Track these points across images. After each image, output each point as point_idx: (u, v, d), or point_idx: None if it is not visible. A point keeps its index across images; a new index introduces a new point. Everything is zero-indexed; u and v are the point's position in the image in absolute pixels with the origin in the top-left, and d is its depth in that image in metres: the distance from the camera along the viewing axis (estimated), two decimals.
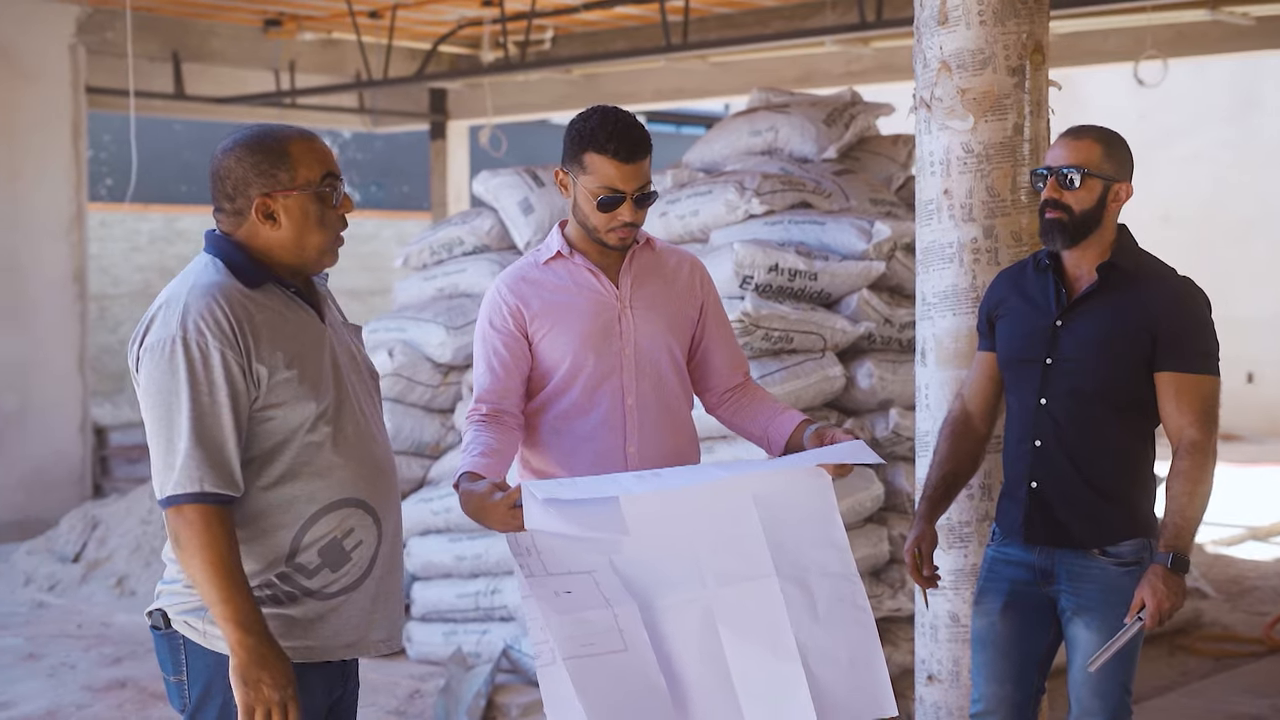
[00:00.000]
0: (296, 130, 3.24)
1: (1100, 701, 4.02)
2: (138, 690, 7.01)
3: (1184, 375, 3.95)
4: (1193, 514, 3.89)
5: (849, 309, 6.38)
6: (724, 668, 3.64)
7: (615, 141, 3.82)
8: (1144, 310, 3.98)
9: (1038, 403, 4.07)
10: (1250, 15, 10.49)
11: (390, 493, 3.34)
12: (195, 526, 3.00)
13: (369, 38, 12.91)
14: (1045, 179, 4.03)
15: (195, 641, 3.14)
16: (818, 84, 12.53)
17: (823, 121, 7.26)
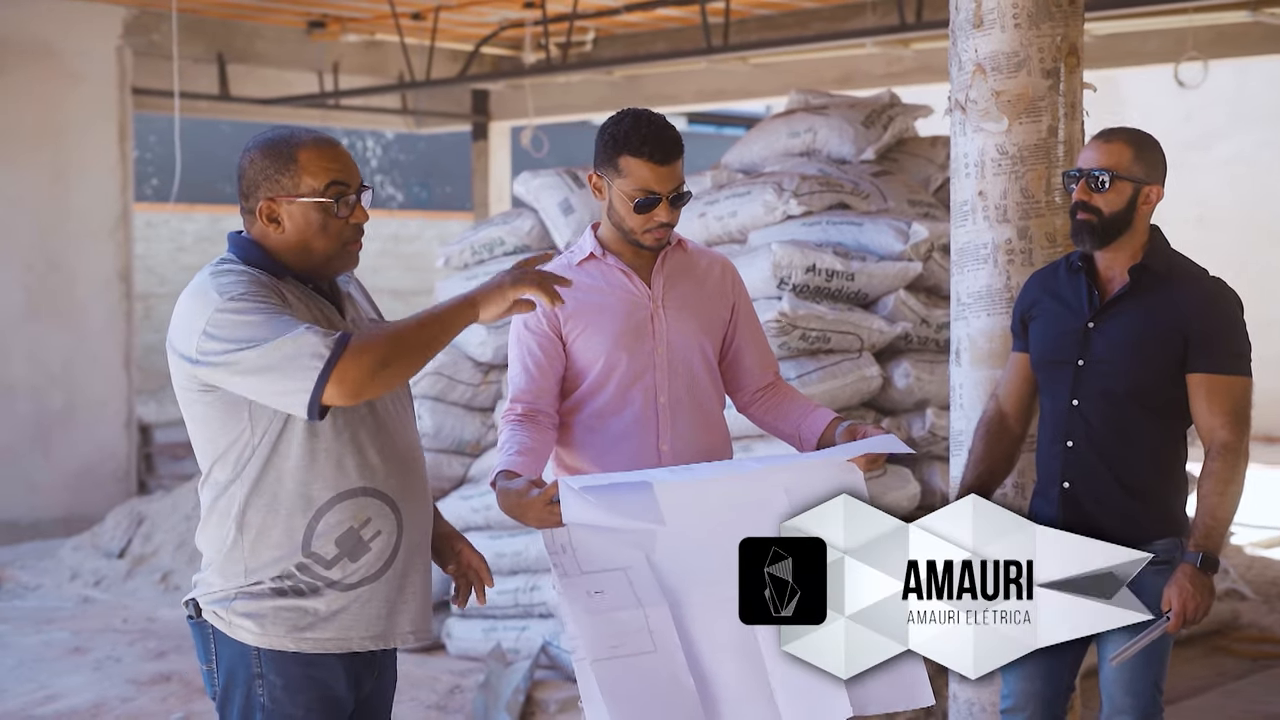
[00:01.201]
0: (312, 136, 3.25)
1: (1132, 699, 4.05)
2: (182, 684, 7.11)
3: (1215, 376, 3.97)
4: (1223, 515, 3.92)
5: (886, 309, 6.42)
6: (759, 662, 3.67)
7: (650, 144, 3.87)
8: (1176, 311, 4.00)
9: (1070, 404, 4.10)
10: None
11: (413, 486, 3.36)
12: (365, 349, 3.02)
13: (411, 39, 13.01)
14: (1076, 181, 4.07)
15: (222, 631, 3.21)
16: (858, 85, 12.57)
17: (861, 123, 7.30)
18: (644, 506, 3.61)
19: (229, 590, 3.20)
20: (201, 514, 3.26)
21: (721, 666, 3.64)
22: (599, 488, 3.58)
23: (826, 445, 3.94)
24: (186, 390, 3.17)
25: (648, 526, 3.61)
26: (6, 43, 11.22)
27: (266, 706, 3.19)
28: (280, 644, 3.18)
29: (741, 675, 3.66)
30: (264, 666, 3.19)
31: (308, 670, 3.21)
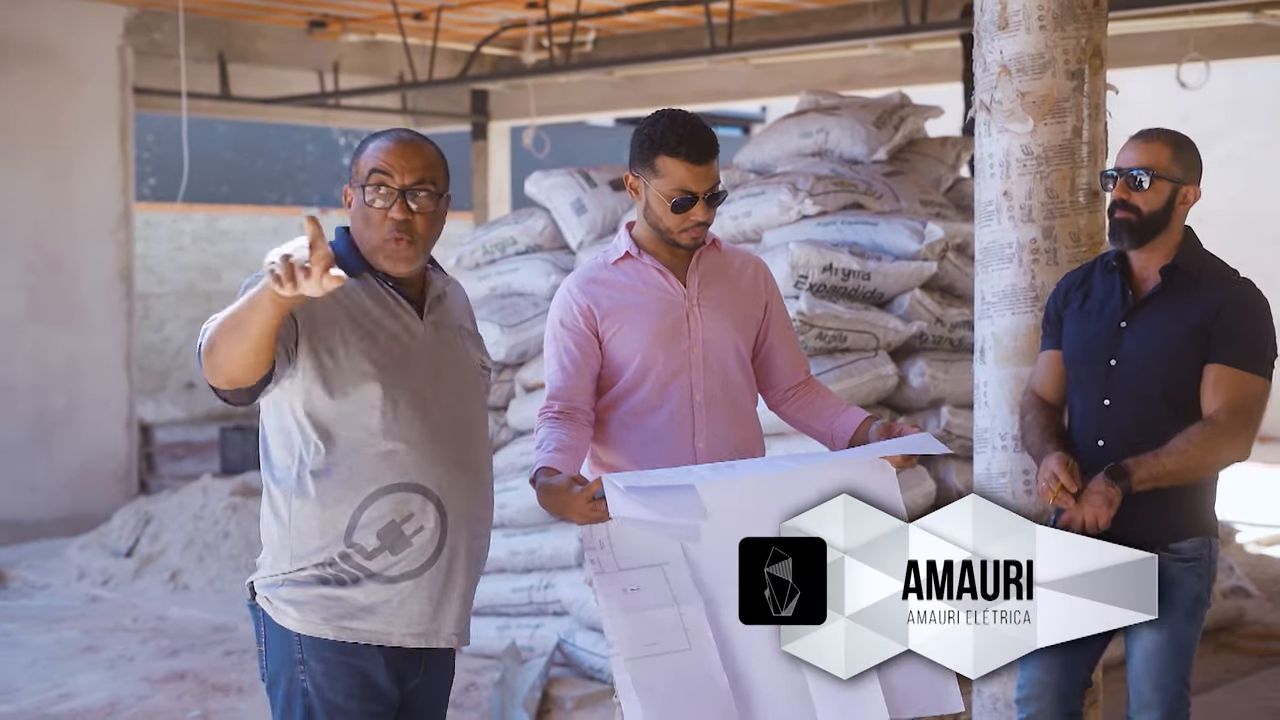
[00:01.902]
0: (392, 131, 3.37)
1: (1160, 694, 4.09)
2: (197, 681, 7.13)
3: (1227, 368, 4.00)
4: (1169, 466, 3.94)
5: (901, 309, 6.47)
6: (799, 668, 3.71)
7: (687, 145, 3.91)
8: (1204, 309, 4.03)
9: (1101, 403, 4.13)
10: None
11: (466, 487, 3.40)
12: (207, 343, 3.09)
13: (412, 39, 13.03)
14: (1115, 180, 4.10)
15: (270, 615, 3.29)
16: (859, 86, 12.61)
17: (872, 124, 7.35)
18: (688, 504, 3.64)
19: (277, 576, 3.28)
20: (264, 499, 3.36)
21: (756, 665, 3.67)
22: (643, 489, 3.61)
23: (859, 444, 3.98)
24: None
25: (692, 522, 3.65)
26: (8, 42, 11.23)
27: (308, 691, 3.27)
28: (319, 631, 3.25)
29: (777, 674, 3.68)
30: (305, 652, 3.26)
31: (347, 658, 3.28)
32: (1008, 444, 4.75)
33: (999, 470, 4.79)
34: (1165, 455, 3.94)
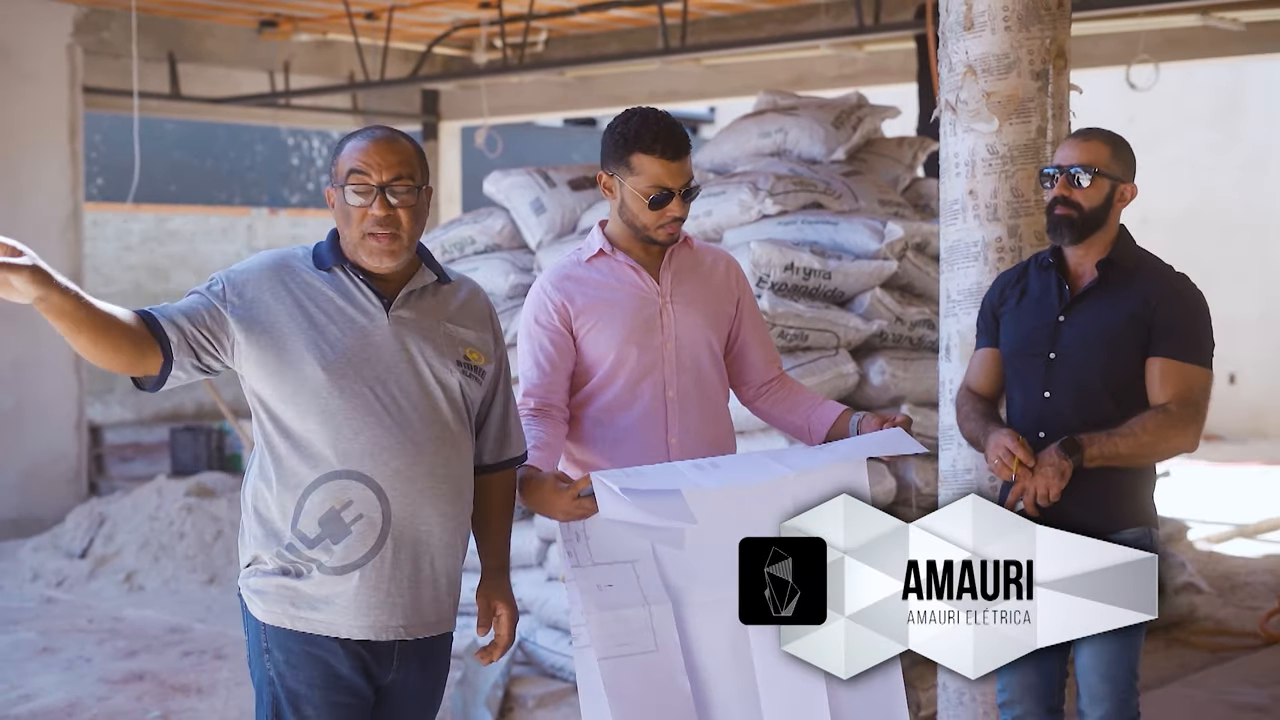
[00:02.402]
0: (372, 131, 3.42)
1: (1110, 686, 4.12)
2: (156, 682, 7.10)
3: (1171, 361, 4.07)
4: (1122, 449, 4.00)
5: (861, 307, 6.51)
6: (750, 675, 3.74)
7: (661, 141, 3.94)
8: (1142, 303, 4.11)
9: (1042, 395, 4.18)
10: (1239, 21, 10.67)
11: (415, 479, 3.39)
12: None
13: (364, 39, 13.00)
14: (1054, 177, 4.16)
15: (245, 605, 3.39)
16: (811, 86, 12.67)
17: (831, 124, 7.39)
18: (675, 508, 3.66)
19: (249, 566, 3.40)
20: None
21: (714, 666, 3.72)
22: (635, 489, 3.62)
23: (838, 436, 4.01)
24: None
25: (678, 526, 3.67)
26: None
27: (274, 680, 3.35)
28: (279, 620, 3.32)
29: (732, 682, 3.73)
30: (269, 641, 3.34)
31: (306, 648, 3.33)
32: None
33: (964, 467, 4.84)
34: (1119, 436, 4.00)
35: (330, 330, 3.35)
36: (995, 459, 4.06)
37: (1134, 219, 15.54)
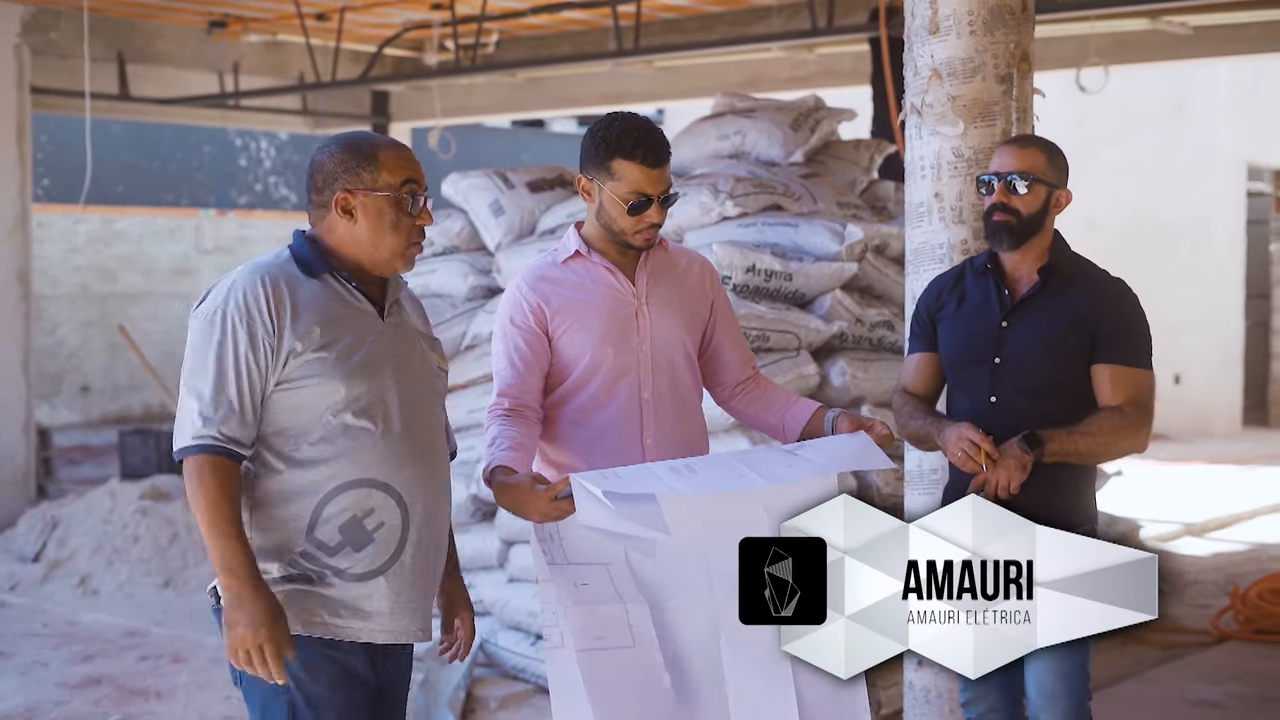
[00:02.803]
0: (391, 140, 3.44)
1: (1064, 683, 4.14)
2: (114, 686, 7.07)
3: (1118, 367, 4.14)
4: (1080, 446, 4.05)
5: (822, 309, 6.55)
6: (721, 682, 3.77)
7: (642, 148, 3.97)
8: (1084, 309, 4.17)
9: (989, 400, 4.22)
10: (1188, 25, 10.79)
11: (426, 484, 3.44)
12: (200, 476, 3.19)
13: (314, 40, 12.95)
14: (991, 184, 4.21)
15: None
16: (763, 88, 12.70)
17: (789, 126, 7.43)
18: (652, 516, 3.68)
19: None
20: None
21: (689, 672, 3.75)
22: (616, 493, 3.64)
23: (813, 434, 4.05)
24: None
25: (651, 535, 3.70)
26: None
27: (289, 688, 3.28)
28: (292, 628, 3.26)
29: (705, 685, 3.76)
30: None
31: (326, 651, 3.31)
32: None
33: (930, 467, 4.88)
34: (1078, 434, 4.06)
35: (343, 338, 3.35)
36: (959, 451, 4.08)
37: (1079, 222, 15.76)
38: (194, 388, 3.23)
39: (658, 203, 3.99)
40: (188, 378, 3.27)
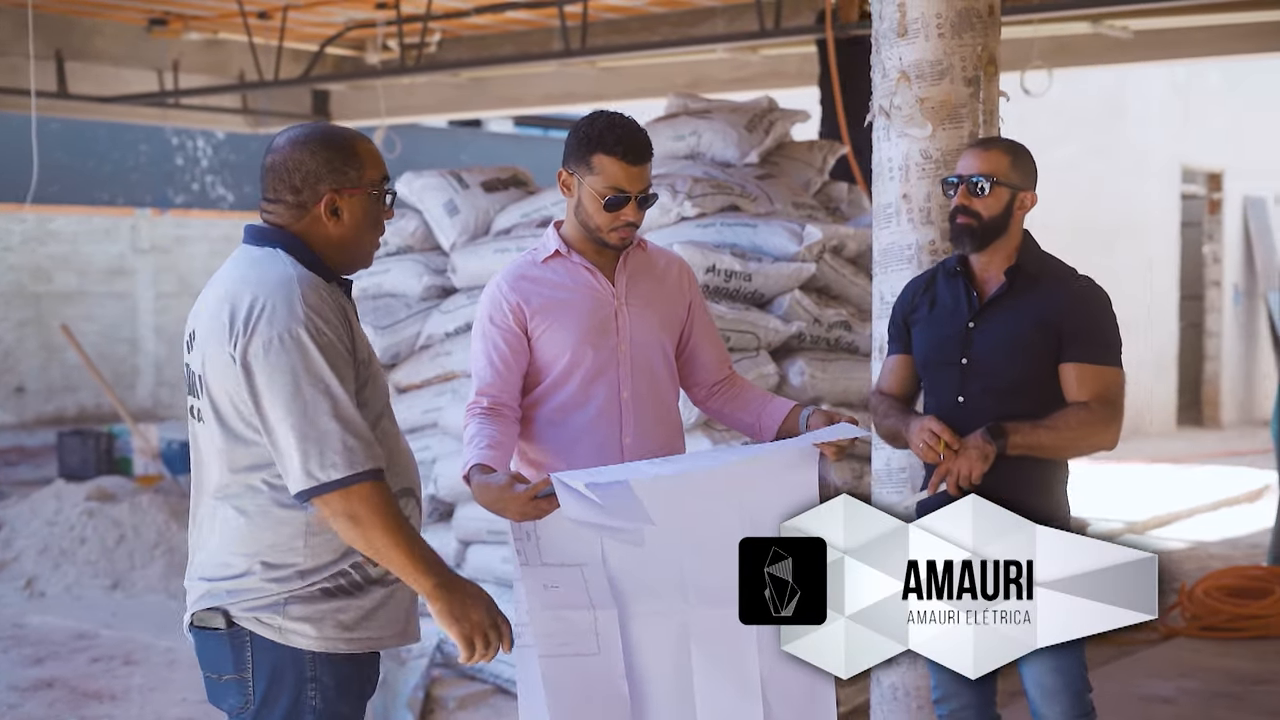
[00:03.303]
0: (357, 133, 3.36)
1: (1062, 678, 4.19)
2: (67, 690, 7.01)
3: (1085, 365, 4.17)
4: (1045, 440, 4.08)
5: (781, 309, 6.58)
6: (689, 690, 3.79)
7: (623, 144, 3.99)
8: (1050, 308, 4.20)
9: (956, 401, 4.25)
10: (1129, 29, 10.90)
11: (418, 485, 3.47)
12: (374, 501, 3.10)
13: (255, 38, 12.86)
14: (956, 187, 4.24)
15: (267, 638, 3.19)
16: (706, 89, 12.70)
17: (744, 127, 7.45)
18: (634, 510, 3.69)
19: (279, 595, 3.19)
20: (227, 523, 3.22)
21: (655, 681, 3.77)
22: (598, 484, 3.65)
23: (788, 433, 4.08)
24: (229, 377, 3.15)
25: (636, 527, 3.71)
26: None
27: (318, 708, 3.21)
28: (334, 645, 3.20)
29: (671, 685, 3.78)
30: (319, 669, 3.20)
31: (357, 668, 3.27)
32: None
33: (898, 466, 4.92)
34: (1042, 428, 4.08)
35: (365, 345, 3.32)
36: (920, 442, 4.13)
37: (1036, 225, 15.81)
38: (316, 413, 3.08)
39: (635, 201, 4.01)
40: (300, 406, 3.08)
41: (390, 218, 3.38)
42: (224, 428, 3.18)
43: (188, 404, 3.33)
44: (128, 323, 17.16)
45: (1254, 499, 12.76)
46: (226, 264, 3.33)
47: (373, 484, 3.11)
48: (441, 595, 3.17)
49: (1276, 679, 7.06)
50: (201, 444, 3.26)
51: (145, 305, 17.25)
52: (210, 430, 3.21)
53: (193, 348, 3.26)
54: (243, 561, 3.20)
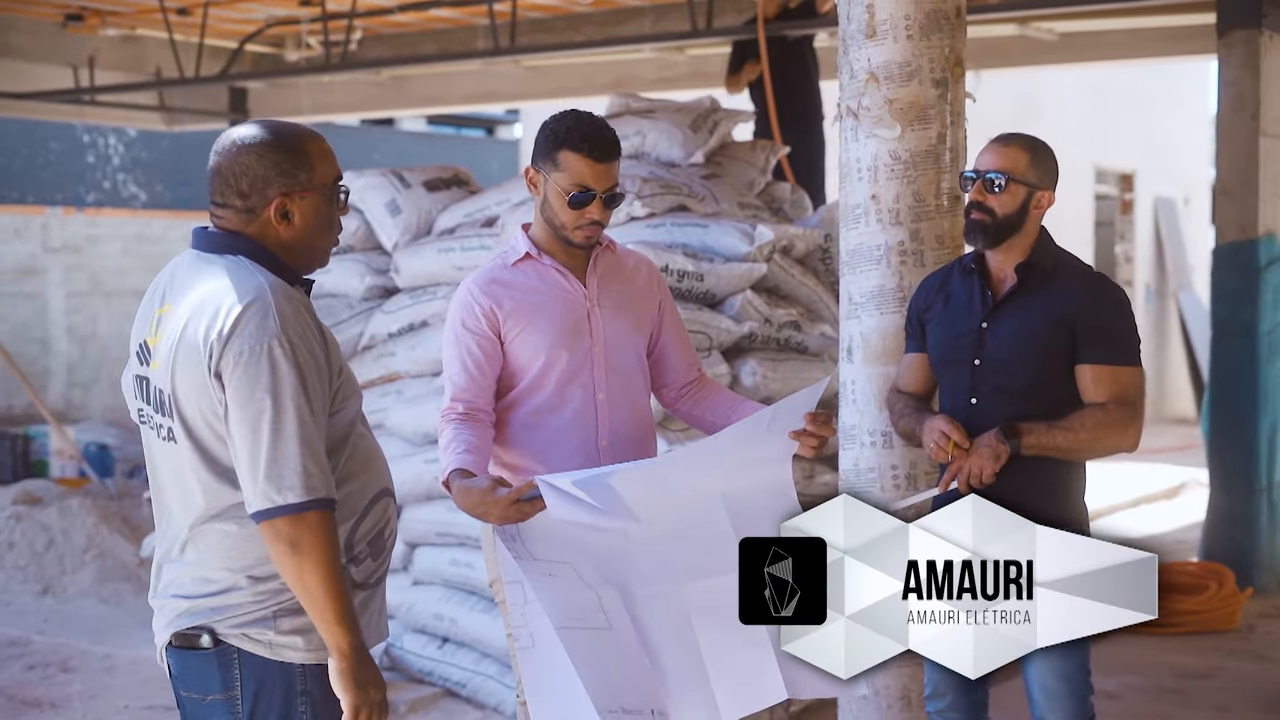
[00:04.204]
0: (308, 130, 3.25)
1: (1066, 684, 4.15)
2: (4, 698, 6.87)
3: (1101, 366, 4.08)
4: (1060, 442, 4.01)
5: (732, 309, 6.57)
6: (697, 652, 3.79)
7: (589, 141, 3.97)
8: (1064, 306, 4.12)
9: (969, 402, 4.19)
10: (1054, 31, 11.02)
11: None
12: (319, 531, 2.98)
13: (171, 35, 12.69)
14: (973, 182, 4.18)
15: (256, 654, 3.10)
16: (631, 89, 12.69)
17: (688, 127, 7.44)
18: (619, 507, 3.68)
19: (267, 609, 3.10)
20: (209, 538, 3.12)
21: (663, 652, 3.76)
22: (580, 483, 3.64)
23: None
24: (204, 396, 3.05)
25: (623, 525, 3.70)
26: None
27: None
28: (324, 656, 3.09)
29: (681, 660, 3.78)
30: (309, 682, 3.11)
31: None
32: (876, 440, 4.89)
33: (867, 466, 4.93)
34: (1058, 429, 4.01)
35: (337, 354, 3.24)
36: (931, 442, 4.07)
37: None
38: (280, 433, 2.96)
39: (600, 200, 3.98)
40: (262, 424, 2.96)
41: (345, 213, 3.29)
42: (205, 455, 3.07)
43: (143, 418, 3.20)
44: (38, 323, 16.87)
45: (1172, 496, 12.93)
46: (186, 272, 3.16)
47: (322, 514, 3.00)
48: (354, 658, 3.02)
49: (1218, 673, 7.15)
50: (174, 464, 3.12)
51: (56, 305, 16.97)
52: (186, 453, 3.08)
53: (148, 360, 3.14)
54: (227, 576, 3.10)
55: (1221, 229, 8.95)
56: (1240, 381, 8.87)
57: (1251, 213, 8.76)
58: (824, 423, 3.82)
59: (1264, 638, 7.87)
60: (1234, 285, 8.88)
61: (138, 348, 3.20)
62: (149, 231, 17.98)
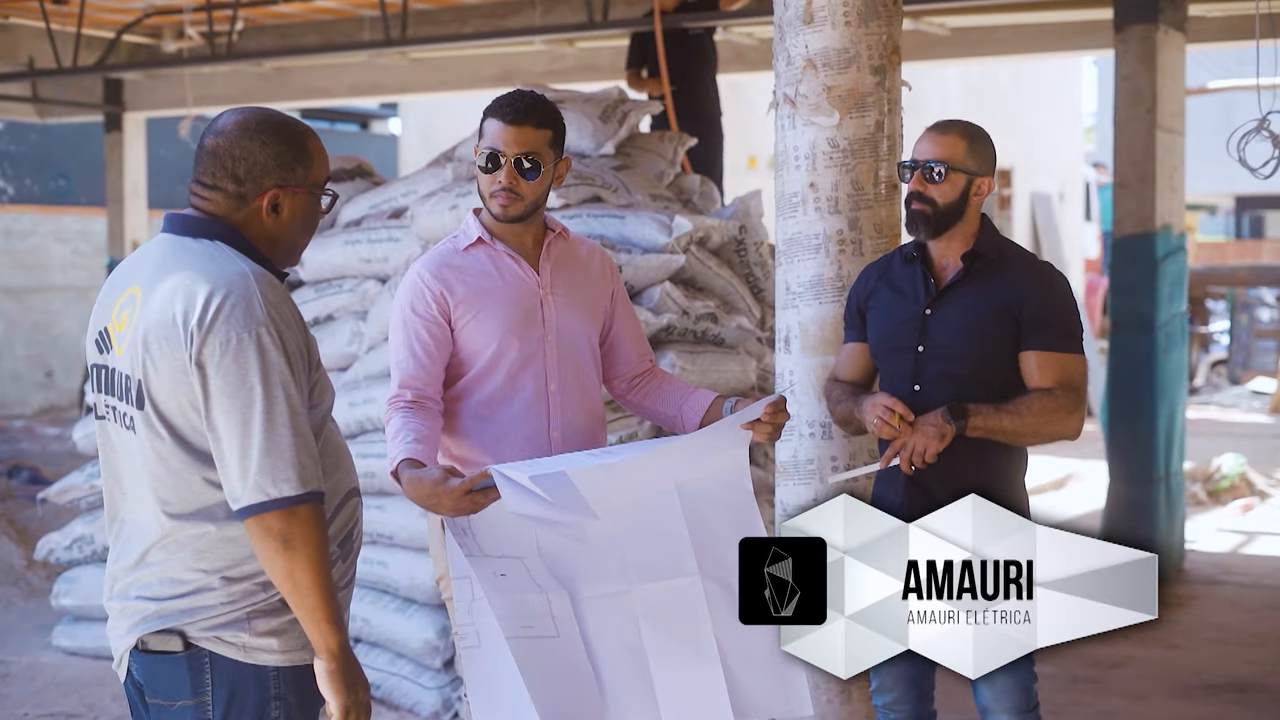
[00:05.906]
0: (308, 127, 3.18)
1: (1010, 673, 4.11)
2: None
3: (1046, 353, 4.09)
4: (1006, 425, 4.01)
5: (651, 301, 6.50)
6: (644, 665, 3.73)
7: (505, 106, 3.94)
8: (1008, 293, 4.12)
9: (911, 388, 4.18)
10: (946, 26, 11.07)
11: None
12: (310, 526, 2.89)
13: (42, 23, 12.35)
14: (912, 171, 4.17)
15: (229, 657, 2.98)
16: (519, 81, 12.56)
17: (598, 118, 7.36)
18: (576, 501, 3.60)
19: (241, 610, 2.99)
20: (182, 537, 2.99)
21: (607, 663, 3.70)
22: (535, 477, 3.55)
23: (712, 422, 3.99)
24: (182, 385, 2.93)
25: (580, 519, 3.63)
26: None
27: None
28: (299, 658, 3.01)
29: (627, 673, 3.71)
30: (283, 686, 3.00)
31: (311, 682, 3.03)
32: (815, 431, 4.84)
33: (805, 458, 4.87)
34: (1004, 412, 4.01)
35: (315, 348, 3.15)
36: (875, 417, 4.04)
37: None
38: (273, 424, 2.88)
39: (511, 165, 3.89)
40: (251, 415, 2.87)
41: (325, 215, 3.22)
42: (181, 443, 2.94)
43: (102, 410, 3.08)
44: None
45: (1059, 487, 13.05)
46: (158, 256, 3.04)
47: (314, 508, 2.91)
48: (342, 659, 2.94)
49: (1130, 662, 7.20)
50: (140, 456, 2.99)
51: None
52: (159, 445, 2.95)
53: (109, 347, 3.02)
54: (199, 577, 2.98)
55: (1119, 222, 9.03)
56: (1138, 373, 8.95)
57: (1149, 205, 8.84)
58: (779, 409, 3.79)
59: (1172, 627, 7.96)
60: (1132, 277, 8.96)
61: (96, 336, 3.07)
62: (17, 227, 17.57)
